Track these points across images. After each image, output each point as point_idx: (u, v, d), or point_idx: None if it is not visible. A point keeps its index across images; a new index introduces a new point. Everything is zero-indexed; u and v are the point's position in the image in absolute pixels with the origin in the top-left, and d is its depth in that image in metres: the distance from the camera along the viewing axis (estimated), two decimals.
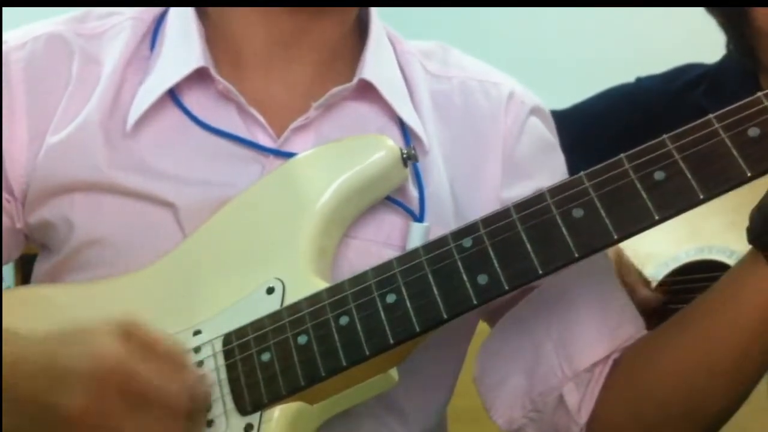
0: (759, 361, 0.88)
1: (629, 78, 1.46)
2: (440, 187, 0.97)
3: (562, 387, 0.97)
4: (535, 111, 1.04)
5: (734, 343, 0.88)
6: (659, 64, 1.45)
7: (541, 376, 0.98)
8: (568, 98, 1.45)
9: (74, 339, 0.78)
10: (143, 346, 0.77)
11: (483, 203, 0.96)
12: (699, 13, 1.31)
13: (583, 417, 0.97)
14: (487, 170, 1.00)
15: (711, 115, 0.78)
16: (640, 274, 1.31)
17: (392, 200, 0.94)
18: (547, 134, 1.05)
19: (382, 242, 0.93)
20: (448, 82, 1.03)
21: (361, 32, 1.03)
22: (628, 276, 1.28)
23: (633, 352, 0.97)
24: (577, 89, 1.45)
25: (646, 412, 0.94)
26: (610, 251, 1.29)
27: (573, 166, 1.03)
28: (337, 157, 0.92)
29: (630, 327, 0.98)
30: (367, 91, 0.98)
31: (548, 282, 0.94)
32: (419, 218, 0.94)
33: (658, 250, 1.31)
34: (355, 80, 0.97)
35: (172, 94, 0.95)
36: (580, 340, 0.97)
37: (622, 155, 0.80)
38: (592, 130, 1.41)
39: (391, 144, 0.92)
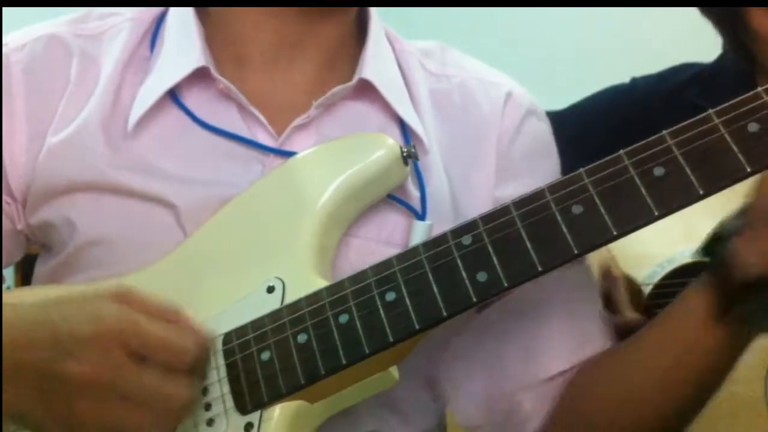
0: (684, 389, 0.89)
1: (627, 77, 1.46)
2: (440, 186, 0.97)
3: (520, 394, 0.97)
4: (532, 112, 1.04)
5: (657, 370, 0.90)
6: (657, 64, 1.45)
7: (502, 381, 0.98)
8: (566, 98, 1.45)
9: (72, 306, 0.78)
10: (140, 306, 0.78)
11: (478, 202, 0.96)
12: (695, 12, 1.30)
13: (534, 425, 0.97)
14: (482, 169, 1.00)
15: (711, 111, 0.78)
16: (631, 292, 1.31)
17: (395, 198, 0.94)
18: (543, 136, 1.05)
19: (383, 241, 0.93)
20: (448, 81, 1.04)
21: (360, 32, 1.03)
22: (616, 293, 1.27)
23: (590, 366, 0.97)
24: (575, 89, 1.45)
25: (598, 423, 0.95)
26: (599, 264, 1.29)
27: (569, 167, 1.03)
28: (338, 156, 0.92)
29: (596, 344, 0.98)
30: (367, 90, 0.98)
31: (522, 290, 0.94)
32: (421, 217, 0.94)
33: (654, 251, 1.31)
34: (355, 79, 0.97)
35: (173, 94, 0.96)
36: (544, 351, 0.97)
37: (621, 151, 0.79)
38: (588, 130, 1.41)
39: (391, 142, 0.92)
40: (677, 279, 1.31)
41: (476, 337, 0.99)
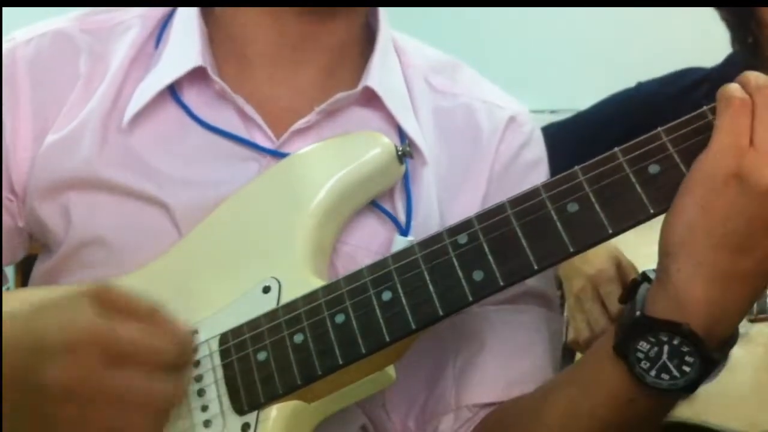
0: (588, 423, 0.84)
1: (631, 78, 1.46)
2: (430, 203, 0.96)
3: (444, 415, 0.95)
4: (531, 140, 1.03)
5: (564, 400, 0.86)
6: (662, 66, 1.45)
7: (436, 397, 0.96)
8: (567, 98, 1.45)
9: (45, 312, 0.76)
10: (117, 307, 0.76)
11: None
12: (698, 15, 1.31)
13: None
14: (472, 192, 0.98)
15: (705, 107, 0.78)
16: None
17: (383, 210, 0.93)
18: (537, 165, 1.03)
19: (372, 251, 0.92)
20: (453, 99, 1.02)
21: (368, 40, 1.02)
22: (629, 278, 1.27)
23: (512, 404, 0.95)
24: (576, 89, 1.45)
25: None
26: (608, 255, 1.28)
27: None
28: (333, 154, 0.92)
29: (530, 387, 0.94)
30: (371, 99, 0.97)
31: (477, 314, 0.94)
32: (404, 232, 0.93)
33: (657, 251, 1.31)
34: (359, 87, 0.96)
35: (173, 92, 0.96)
36: (476, 379, 0.95)
37: (616, 149, 0.79)
38: (596, 136, 1.41)
39: (386, 141, 0.91)
40: None
41: (423, 346, 0.95)
